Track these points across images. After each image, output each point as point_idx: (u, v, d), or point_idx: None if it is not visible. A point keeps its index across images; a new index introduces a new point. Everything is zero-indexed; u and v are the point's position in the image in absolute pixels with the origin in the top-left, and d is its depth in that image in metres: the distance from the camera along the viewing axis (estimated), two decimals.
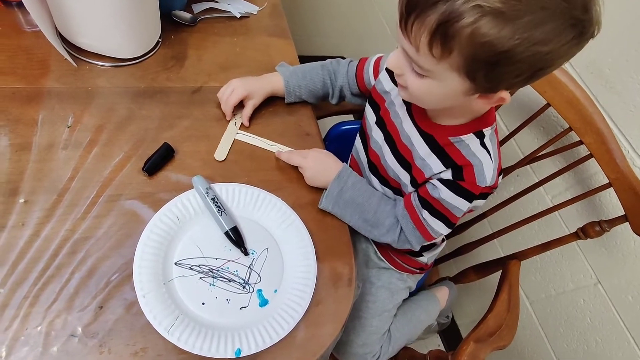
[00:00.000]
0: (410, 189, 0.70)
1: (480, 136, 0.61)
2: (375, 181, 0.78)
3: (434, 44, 0.46)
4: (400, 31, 0.49)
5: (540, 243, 0.86)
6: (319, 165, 0.71)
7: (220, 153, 0.72)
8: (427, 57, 0.48)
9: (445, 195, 0.63)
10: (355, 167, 0.83)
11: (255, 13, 1.00)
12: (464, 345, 0.71)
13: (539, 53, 0.44)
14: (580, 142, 0.78)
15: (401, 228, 0.70)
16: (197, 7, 0.95)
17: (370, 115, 0.76)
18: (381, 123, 0.73)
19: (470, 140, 0.61)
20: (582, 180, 0.89)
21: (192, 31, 0.91)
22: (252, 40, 0.95)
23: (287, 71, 0.81)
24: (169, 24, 0.89)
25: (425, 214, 0.67)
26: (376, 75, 0.76)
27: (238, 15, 0.97)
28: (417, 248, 0.72)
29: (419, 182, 0.67)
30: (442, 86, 0.51)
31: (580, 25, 0.44)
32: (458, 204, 0.63)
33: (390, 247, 0.83)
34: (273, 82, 0.80)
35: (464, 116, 0.61)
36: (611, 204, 0.84)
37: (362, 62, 0.80)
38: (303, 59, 0.95)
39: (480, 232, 1.03)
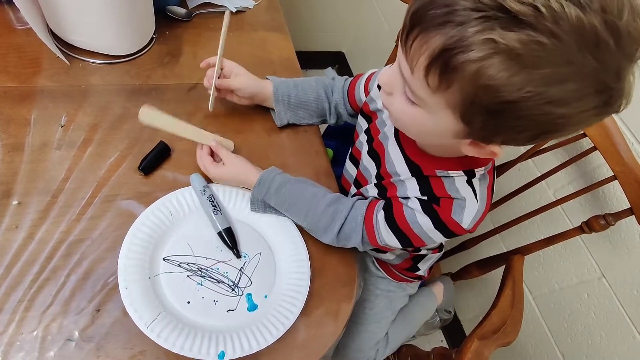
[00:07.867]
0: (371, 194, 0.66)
1: (470, 174, 0.55)
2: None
3: (431, 70, 0.39)
4: (400, 44, 0.43)
5: (543, 237, 0.85)
6: (236, 170, 0.65)
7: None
8: (421, 83, 0.41)
9: (414, 205, 0.57)
10: (348, 186, 0.78)
11: (252, 7, 0.99)
12: (468, 343, 0.70)
13: (551, 114, 0.37)
14: (584, 135, 0.76)
15: (341, 226, 0.62)
16: (192, 2, 0.94)
17: (363, 123, 0.71)
18: (369, 136, 0.69)
19: (457, 176, 0.56)
20: (585, 174, 0.88)
21: (187, 27, 0.89)
22: (248, 35, 0.93)
23: (277, 79, 0.75)
24: (163, 19, 0.87)
25: (380, 215, 0.60)
26: (367, 92, 0.71)
27: (234, 10, 0.95)
28: (361, 246, 0.64)
29: (387, 195, 0.62)
30: (431, 121, 0.45)
31: (607, 93, 0.37)
32: (420, 220, 0.56)
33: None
34: (263, 83, 0.73)
35: (455, 153, 0.55)
36: (615, 197, 0.83)
37: (355, 78, 0.75)
38: (300, 54, 0.94)
39: (482, 227, 1.01)
